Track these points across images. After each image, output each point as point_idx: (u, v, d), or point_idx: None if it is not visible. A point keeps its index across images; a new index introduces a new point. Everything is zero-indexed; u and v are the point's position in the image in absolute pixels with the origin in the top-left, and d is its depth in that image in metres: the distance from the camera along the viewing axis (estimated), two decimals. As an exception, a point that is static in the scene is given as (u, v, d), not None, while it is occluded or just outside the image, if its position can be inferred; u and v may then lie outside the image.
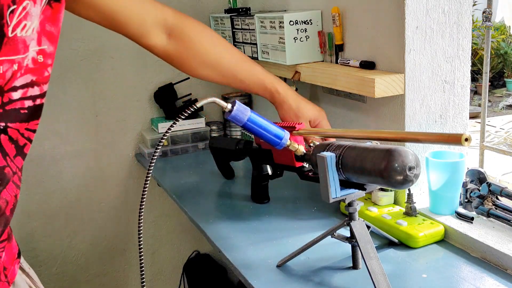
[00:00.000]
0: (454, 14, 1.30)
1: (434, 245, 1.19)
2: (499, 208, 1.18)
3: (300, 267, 1.12)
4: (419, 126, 1.32)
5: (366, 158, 0.94)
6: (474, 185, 1.25)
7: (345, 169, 0.98)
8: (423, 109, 1.32)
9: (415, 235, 1.17)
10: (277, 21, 1.60)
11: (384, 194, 1.33)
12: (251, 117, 1.07)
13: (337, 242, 1.15)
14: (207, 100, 1.00)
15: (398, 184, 0.91)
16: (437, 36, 1.29)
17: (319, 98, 1.72)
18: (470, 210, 1.24)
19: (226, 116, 1.06)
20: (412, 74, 1.29)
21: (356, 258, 1.11)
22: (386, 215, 1.26)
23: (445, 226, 1.20)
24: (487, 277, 1.04)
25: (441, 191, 1.24)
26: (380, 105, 1.39)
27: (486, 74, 1.45)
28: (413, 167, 0.90)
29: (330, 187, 0.99)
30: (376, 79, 1.26)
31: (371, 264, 0.99)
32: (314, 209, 1.43)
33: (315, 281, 1.07)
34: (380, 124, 1.41)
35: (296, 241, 1.23)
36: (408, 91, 1.29)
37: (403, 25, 1.25)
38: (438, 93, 1.33)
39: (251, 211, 1.46)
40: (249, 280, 1.08)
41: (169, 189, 1.71)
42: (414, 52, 1.27)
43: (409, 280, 1.06)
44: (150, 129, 2.20)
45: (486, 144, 1.47)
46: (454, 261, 1.12)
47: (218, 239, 1.29)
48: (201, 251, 2.45)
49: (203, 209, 1.51)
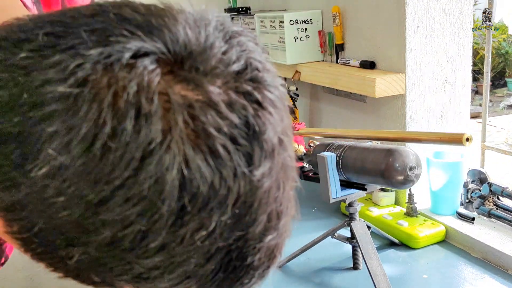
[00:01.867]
0: (455, 13, 1.29)
1: (435, 245, 1.18)
2: (500, 208, 1.18)
3: (300, 267, 1.12)
4: (420, 126, 1.31)
5: (367, 158, 0.93)
6: (475, 185, 1.24)
7: (346, 169, 0.98)
8: (424, 109, 1.31)
9: (416, 236, 1.16)
10: (277, 20, 1.60)
11: (385, 194, 1.33)
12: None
13: (337, 242, 1.14)
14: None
15: (399, 184, 0.90)
16: (438, 36, 1.29)
17: (319, 98, 1.72)
18: (471, 211, 1.23)
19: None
20: (412, 74, 1.28)
21: (357, 258, 1.10)
22: (387, 216, 1.26)
23: (446, 226, 1.20)
24: (488, 278, 1.04)
25: (442, 191, 1.23)
26: (381, 104, 1.39)
27: (487, 73, 1.45)
28: (414, 167, 0.89)
29: (331, 187, 0.98)
30: (377, 78, 1.25)
31: (371, 265, 0.99)
32: (314, 209, 1.43)
33: (315, 281, 1.07)
34: (381, 124, 1.40)
35: (296, 241, 1.22)
36: (408, 90, 1.28)
37: (404, 25, 1.25)
38: (439, 93, 1.32)
39: (251, 211, 1.45)
40: (249, 280, 1.08)
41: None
42: (414, 52, 1.27)
43: (410, 280, 1.06)
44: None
45: (487, 144, 1.46)
46: (455, 261, 1.11)
47: (218, 239, 1.29)
48: (201, 251, 2.45)
49: (203, 209, 1.50)
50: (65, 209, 0.24)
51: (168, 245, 0.25)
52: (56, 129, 0.22)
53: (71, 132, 0.22)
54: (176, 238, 0.24)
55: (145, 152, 0.22)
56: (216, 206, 0.24)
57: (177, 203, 0.23)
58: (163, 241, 0.24)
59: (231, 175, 0.23)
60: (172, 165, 0.23)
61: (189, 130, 0.22)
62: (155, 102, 0.22)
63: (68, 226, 0.25)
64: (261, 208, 0.25)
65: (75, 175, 0.23)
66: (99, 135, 0.22)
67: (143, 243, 0.24)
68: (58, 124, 0.22)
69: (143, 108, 0.22)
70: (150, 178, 0.23)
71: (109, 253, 0.25)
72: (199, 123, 0.23)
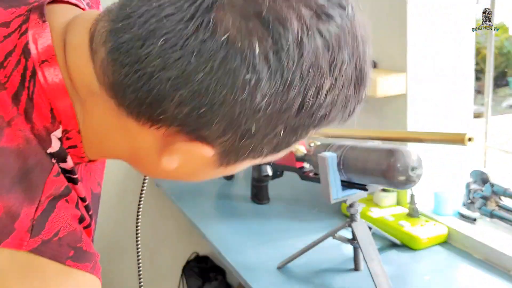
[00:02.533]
0: (456, 13, 1.28)
1: (436, 246, 1.17)
2: (503, 209, 1.17)
3: (301, 269, 1.11)
4: (422, 126, 1.30)
5: (368, 158, 0.93)
6: (477, 186, 1.23)
7: (347, 170, 0.97)
8: (425, 109, 1.30)
9: (417, 237, 1.16)
10: (277, 20, 1.59)
11: (386, 195, 1.32)
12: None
13: (338, 243, 1.13)
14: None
15: (400, 184, 0.90)
16: (439, 35, 1.28)
17: (320, 98, 1.71)
18: (473, 211, 1.23)
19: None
20: (414, 73, 1.27)
21: (358, 259, 1.09)
22: (388, 216, 1.25)
23: (448, 227, 1.19)
24: (490, 279, 1.03)
25: (443, 192, 1.23)
26: (382, 104, 1.38)
27: (489, 73, 1.44)
28: (416, 167, 0.89)
29: (331, 188, 0.98)
30: (378, 78, 1.24)
31: (372, 266, 0.98)
32: (315, 210, 1.42)
33: (316, 283, 1.06)
34: (382, 124, 1.39)
35: (297, 242, 1.21)
36: (410, 90, 1.28)
37: (405, 24, 1.24)
38: (441, 92, 1.31)
39: (251, 212, 1.45)
40: (249, 282, 1.07)
41: (168, 190, 1.70)
42: (416, 51, 1.26)
43: (412, 282, 1.05)
44: (150, 129, 2.19)
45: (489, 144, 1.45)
46: (457, 263, 1.11)
47: (218, 240, 1.28)
48: (200, 252, 2.44)
49: (203, 210, 1.50)
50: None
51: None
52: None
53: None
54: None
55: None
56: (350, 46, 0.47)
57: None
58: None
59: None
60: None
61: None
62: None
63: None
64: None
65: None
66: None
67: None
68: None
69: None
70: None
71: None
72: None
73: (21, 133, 0.43)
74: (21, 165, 0.42)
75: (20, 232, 0.41)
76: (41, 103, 0.45)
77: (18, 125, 0.43)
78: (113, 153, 0.51)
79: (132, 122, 0.45)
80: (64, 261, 0.44)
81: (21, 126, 0.43)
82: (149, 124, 0.44)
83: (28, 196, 0.42)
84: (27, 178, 0.42)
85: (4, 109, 0.43)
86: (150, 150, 0.47)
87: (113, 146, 0.50)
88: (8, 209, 0.40)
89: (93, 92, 0.46)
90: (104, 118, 0.47)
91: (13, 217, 0.40)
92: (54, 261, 0.43)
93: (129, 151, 0.50)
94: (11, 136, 0.42)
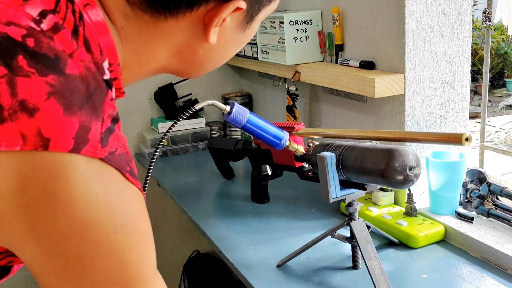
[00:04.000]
0: (454, 14, 1.30)
1: (434, 245, 1.19)
2: (499, 208, 1.18)
3: (300, 267, 1.12)
4: (419, 126, 1.32)
5: (367, 158, 0.94)
6: (474, 185, 1.25)
7: (345, 169, 0.98)
8: (423, 109, 1.32)
9: (415, 235, 1.17)
10: (277, 21, 1.60)
11: (384, 194, 1.33)
12: (250, 119, 1.06)
13: (337, 242, 1.15)
14: (206, 102, 1.00)
15: (398, 184, 0.91)
16: (437, 36, 1.29)
17: (319, 98, 1.72)
18: (470, 210, 1.24)
19: (225, 118, 1.05)
20: (412, 74, 1.29)
21: (356, 258, 1.10)
22: (386, 215, 1.26)
23: (445, 226, 1.20)
24: (487, 277, 1.04)
25: (441, 191, 1.24)
26: (380, 105, 1.39)
27: (486, 74, 1.45)
28: (414, 166, 0.90)
29: (330, 187, 0.99)
30: (376, 79, 1.25)
31: (371, 264, 0.99)
32: (314, 209, 1.43)
33: (315, 281, 1.07)
34: (380, 124, 1.40)
35: (296, 241, 1.23)
36: (408, 91, 1.29)
37: (403, 25, 1.25)
38: (438, 93, 1.33)
39: (251, 211, 1.46)
40: (249, 280, 1.08)
41: (169, 189, 1.71)
42: (414, 52, 1.27)
43: (409, 280, 1.06)
44: (150, 129, 2.20)
45: (486, 144, 1.47)
46: (454, 261, 1.12)
47: (218, 239, 1.29)
48: (201, 251, 2.45)
49: (203, 209, 1.51)
50: None
51: None
52: None
53: None
54: None
55: None
56: None
57: None
58: None
59: None
60: None
61: None
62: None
63: None
64: None
65: None
66: None
67: None
68: None
69: None
70: None
71: None
72: None
73: (82, 63, 0.50)
74: (85, 89, 0.49)
75: (94, 141, 0.48)
76: (91, 39, 0.53)
77: (79, 56, 0.50)
78: (153, 65, 0.61)
79: (170, 22, 0.57)
80: (125, 173, 0.51)
81: (82, 57, 0.51)
82: (189, 10, 0.56)
83: (94, 113, 0.49)
84: (92, 99, 0.50)
85: (66, 44, 0.50)
86: (189, 40, 0.59)
87: (153, 58, 0.60)
88: (82, 123, 0.48)
89: (127, 15, 0.56)
90: (141, 36, 0.58)
91: (86, 129, 0.48)
92: (118, 171, 0.50)
93: (171, 54, 0.60)
94: (74, 65, 0.49)
